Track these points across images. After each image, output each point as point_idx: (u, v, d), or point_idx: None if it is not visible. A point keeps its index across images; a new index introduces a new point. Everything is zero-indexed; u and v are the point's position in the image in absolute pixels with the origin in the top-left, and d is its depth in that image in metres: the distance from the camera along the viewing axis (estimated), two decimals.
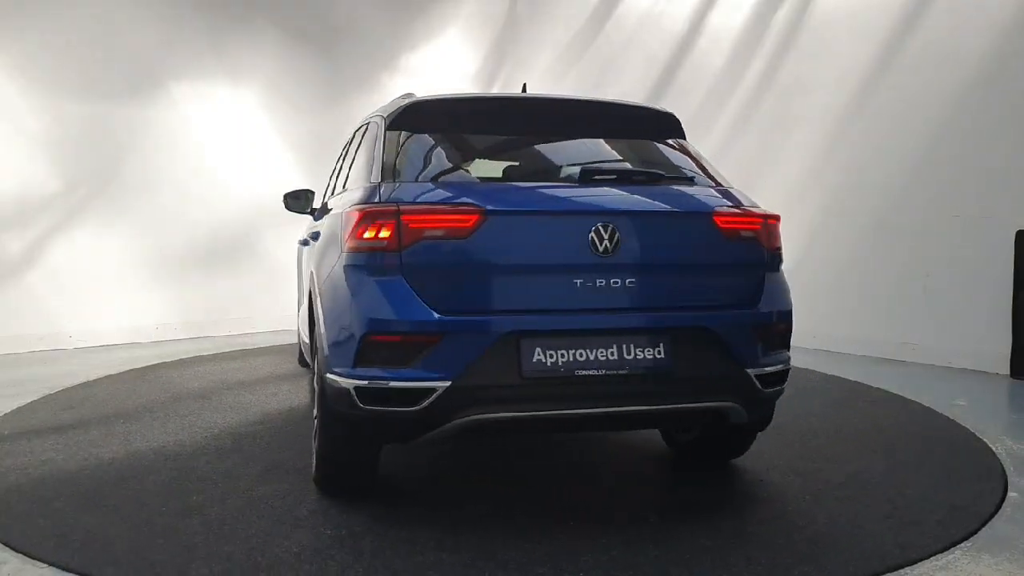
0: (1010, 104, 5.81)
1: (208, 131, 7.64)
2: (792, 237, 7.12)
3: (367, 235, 2.65)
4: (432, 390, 2.53)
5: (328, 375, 2.73)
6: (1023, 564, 2.55)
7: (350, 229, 2.72)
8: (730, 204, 2.98)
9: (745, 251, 2.90)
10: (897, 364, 6.19)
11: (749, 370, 2.78)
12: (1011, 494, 3.19)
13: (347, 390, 2.61)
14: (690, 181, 3.10)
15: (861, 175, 6.69)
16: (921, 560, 2.56)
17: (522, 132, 3.32)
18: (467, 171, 3.17)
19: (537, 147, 3.38)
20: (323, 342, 2.83)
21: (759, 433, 3.32)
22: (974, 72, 6.00)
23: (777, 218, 3.04)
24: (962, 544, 2.69)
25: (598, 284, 2.66)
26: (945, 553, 2.62)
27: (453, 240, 2.62)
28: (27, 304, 6.44)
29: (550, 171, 3.20)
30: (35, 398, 4.71)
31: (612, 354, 2.63)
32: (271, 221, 7.31)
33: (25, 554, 2.54)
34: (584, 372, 2.61)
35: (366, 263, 2.66)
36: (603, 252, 2.65)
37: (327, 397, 2.77)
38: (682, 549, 2.57)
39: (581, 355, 2.61)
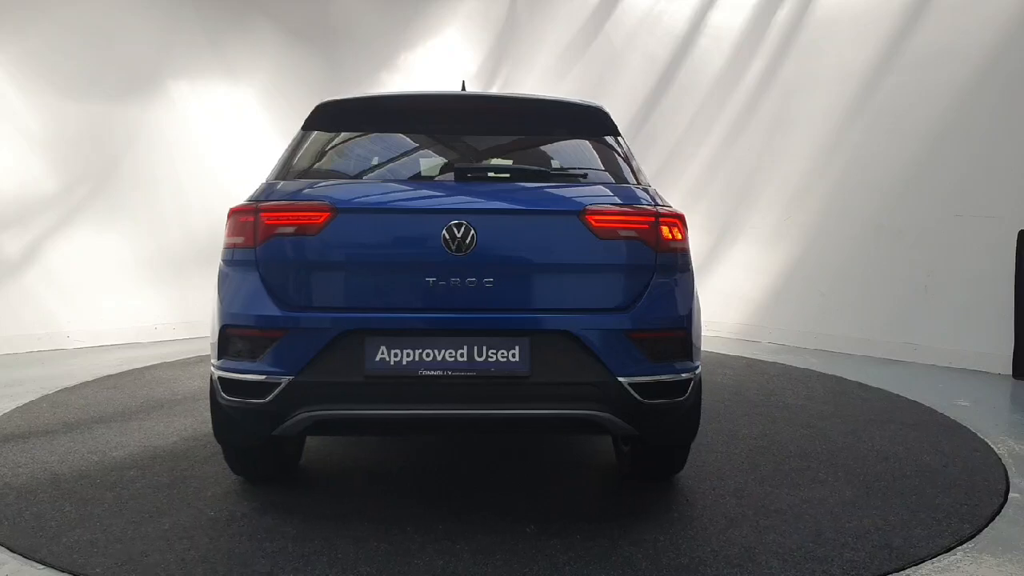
0: (1011, 104, 5.80)
1: (208, 131, 7.64)
2: (792, 237, 7.15)
3: (233, 232, 2.77)
4: (276, 384, 2.58)
5: (211, 366, 2.84)
6: None
7: (225, 227, 2.84)
8: (619, 202, 2.77)
9: (624, 252, 2.69)
10: (898, 364, 6.18)
11: (622, 379, 2.58)
12: (1013, 495, 3.18)
13: (216, 380, 2.73)
14: (582, 178, 3.01)
15: (862, 175, 6.69)
16: (922, 561, 2.55)
17: (430, 130, 3.30)
18: (356, 170, 3.16)
19: (439, 145, 3.34)
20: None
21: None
22: (975, 72, 6.00)
23: (675, 217, 2.79)
24: (964, 545, 2.69)
25: (452, 283, 2.61)
26: (947, 554, 2.61)
27: (304, 237, 2.66)
28: (26, 304, 6.43)
29: (435, 169, 3.20)
30: (33, 398, 4.70)
31: (461, 355, 2.58)
32: None
33: (24, 555, 2.53)
34: (429, 372, 2.57)
35: (231, 259, 2.76)
36: (457, 251, 2.60)
37: (211, 386, 2.86)
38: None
39: (427, 355, 2.58)
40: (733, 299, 7.40)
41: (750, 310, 7.31)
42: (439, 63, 9.33)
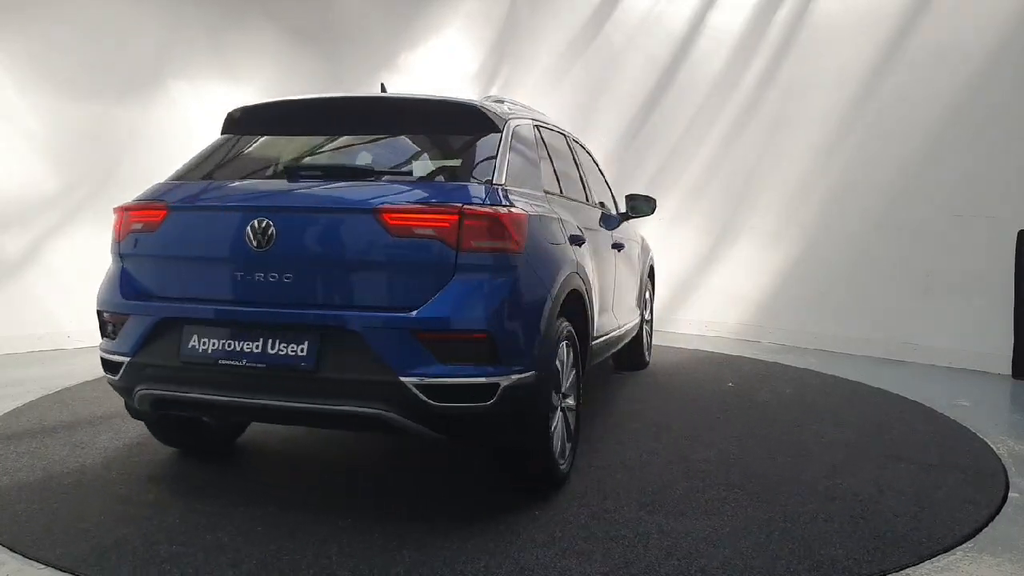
0: (1010, 104, 5.80)
1: (208, 131, 7.62)
2: (792, 237, 7.15)
3: (113, 227, 3.10)
4: (121, 364, 2.90)
5: None
6: None
7: None
8: (425, 201, 2.71)
9: (418, 251, 2.64)
10: (898, 364, 6.18)
11: (405, 379, 2.55)
12: (1012, 495, 3.19)
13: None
14: (408, 176, 3.03)
15: (862, 175, 6.69)
16: (922, 561, 2.56)
17: (306, 132, 3.37)
18: (217, 171, 3.22)
19: (300, 146, 3.37)
20: None
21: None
22: (974, 72, 6.00)
23: (489, 219, 2.68)
24: (963, 545, 2.69)
25: (255, 278, 2.74)
26: (946, 554, 2.62)
27: (147, 234, 2.95)
28: (27, 304, 6.43)
29: (270, 169, 3.22)
30: (34, 398, 4.70)
31: (256, 347, 2.69)
32: None
33: (24, 555, 2.53)
34: (227, 362, 2.71)
35: (112, 251, 3.10)
36: (257, 247, 2.71)
37: None
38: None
39: (229, 345, 2.72)
40: (733, 299, 7.40)
41: (750, 310, 7.32)
42: (439, 63, 9.33)
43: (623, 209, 4.99)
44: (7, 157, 6.46)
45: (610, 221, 4.52)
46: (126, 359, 2.88)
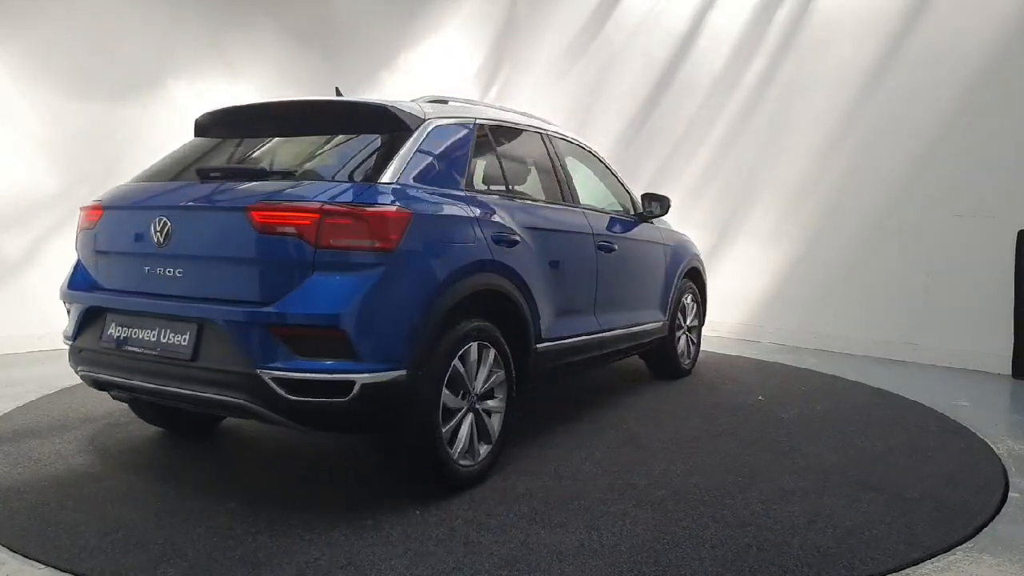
0: (1010, 103, 5.81)
1: None
2: (792, 237, 7.16)
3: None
4: (68, 346, 3.30)
5: None
6: None
7: None
8: (293, 199, 2.78)
9: (279, 247, 2.73)
10: (898, 364, 6.18)
11: (261, 372, 2.65)
12: (1012, 495, 3.18)
13: None
14: (298, 175, 3.07)
15: (861, 175, 6.69)
16: (922, 561, 2.56)
17: (239, 135, 3.54)
18: (159, 173, 3.39)
19: (237, 149, 3.48)
20: None
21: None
22: (974, 72, 6.00)
23: (353, 217, 2.73)
24: (963, 545, 2.69)
25: (157, 272, 3.00)
26: (946, 554, 2.62)
27: (88, 230, 3.30)
28: (26, 304, 6.43)
29: (190, 171, 3.31)
30: (34, 398, 4.70)
31: (153, 336, 2.95)
32: None
33: (24, 555, 2.53)
34: (129, 348, 3.00)
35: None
36: (159, 243, 2.97)
37: None
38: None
39: (135, 333, 3.01)
40: (733, 299, 7.40)
41: (750, 310, 7.32)
42: (439, 63, 9.33)
43: (659, 212, 4.90)
44: (7, 157, 6.46)
45: (604, 222, 4.41)
46: (70, 343, 3.28)
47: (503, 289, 3.32)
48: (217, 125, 3.58)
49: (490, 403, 3.28)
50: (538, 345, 3.60)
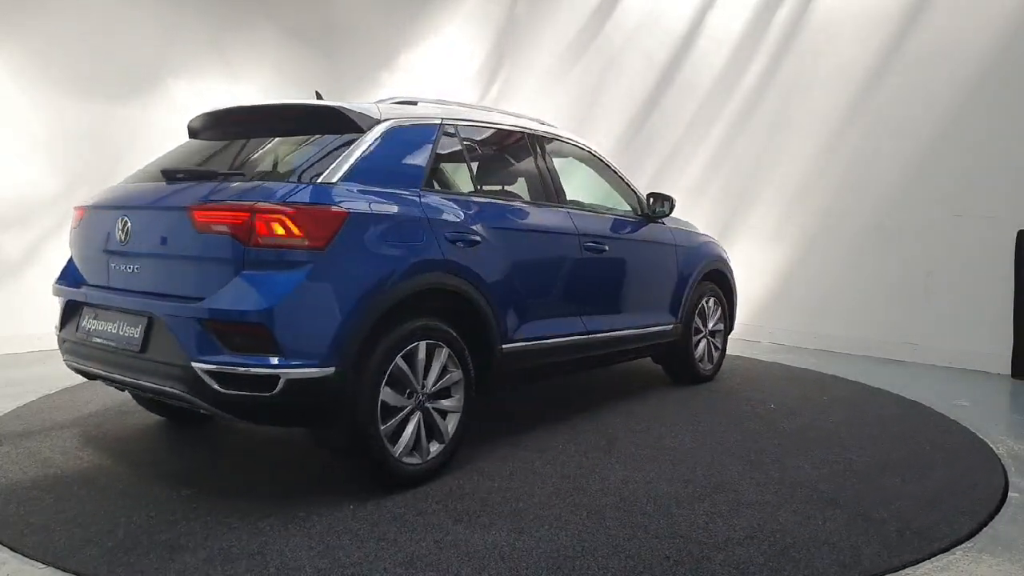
0: (1011, 104, 5.81)
1: None
2: (792, 237, 7.16)
3: None
4: (57, 337, 3.55)
5: None
6: None
7: None
8: (231, 198, 2.88)
9: (213, 245, 2.85)
10: (898, 364, 6.19)
11: (195, 364, 2.77)
12: (1012, 495, 3.19)
13: None
14: (246, 176, 3.13)
15: (861, 175, 6.69)
16: (922, 560, 2.56)
17: (225, 137, 3.67)
18: (141, 175, 3.56)
19: (214, 151, 3.59)
20: None
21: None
22: (974, 72, 6.00)
23: (283, 215, 2.80)
24: (963, 544, 2.70)
25: (120, 269, 3.23)
26: (946, 553, 2.62)
27: (75, 229, 3.54)
28: (27, 304, 6.43)
29: (158, 173, 3.38)
30: (34, 398, 4.71)
31: (113, 328, 3.15)
32: None
33: (24, 554, 2.54)
34: (95, 340, 3.24)
35: None
36: (121, 241, 3.17)
37: None
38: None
39: (101, 326, 3.23)
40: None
41: (750, 310, 7.31)
42: (439, 63, 9.34)
43: (664, 211, 4.78)
44: (8, 157, 6.47)
45: (595, 222, 4.30)
46: (57, 333, 3.55)
47: (458, 289, 3.32)
48: (204, 128, 3.72)
49: (444, 403, 3.29)
50: (504, 346, 3.57)
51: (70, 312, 3.46)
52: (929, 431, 4.18)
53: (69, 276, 3.55)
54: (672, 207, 4.82)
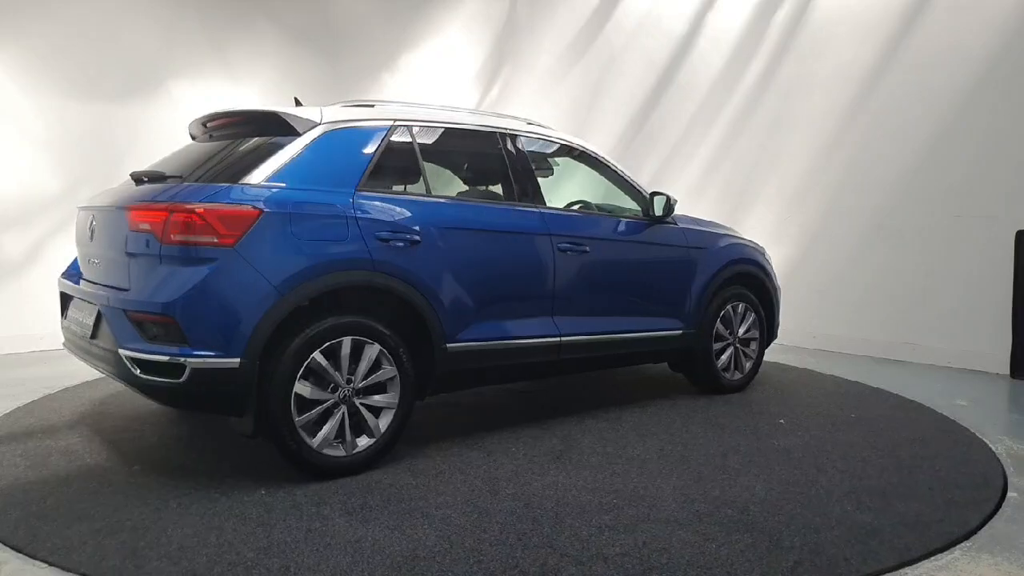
0: (1011, 104, 5.81)
1: None
2: (792, 237, 7.16)
3: None
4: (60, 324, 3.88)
5: None
6: (1023, 564, 2.56)
7: None
8: (159, 199, 3.13)
9: (139, 242, 3.13)
10: (897, 364, 6.19)
11: (121, 351, 3.06)
12: (1011, 494, 3.19)
13: None
14: (184, 178, 3.31)
15: (861, 175, 6.69)
16: (921, 560, 2.57)
17: (204, 140, 3.89)
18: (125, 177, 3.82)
19: (195, 154, 3.71)
20: None
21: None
22: (974, 72, 6.01)
23: (190, 213, 2.99)
24: (962, 544, 2.70)
25: (88, 263, 3.65)
26: (945, 553, 2.63)
27: (76, 228, 3.89)
28: (28, 304, 6.44)
29: (131, 175, 3.61)
30: (36, 398, 4.72)
31: (80, 316, 3.53)
32: None
33: (25, 554, 2.55)
34: (70, 326, 3.65)
35: None
36: (89, 239, 3.58)
37: None
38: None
39: (76, 314, 3.60)
40: None
41: None
42: (440, 63, 9.34)
43: (659, 212, 4.54)
44: (9, 157, 6.48)
45: (574, 223, 4.20)
46: (61, 321, 3.87)
47: (389, 287, 3.36)
48: (196, 132, 4.06)
49: (377, 398, 3.34)
50: (448, 345, 3.57)
51: (64, 303, 3.85)
52: (928, 431, 4.18)
53: (68, 271, 3.99)
54: (671, 208, 4.61)
